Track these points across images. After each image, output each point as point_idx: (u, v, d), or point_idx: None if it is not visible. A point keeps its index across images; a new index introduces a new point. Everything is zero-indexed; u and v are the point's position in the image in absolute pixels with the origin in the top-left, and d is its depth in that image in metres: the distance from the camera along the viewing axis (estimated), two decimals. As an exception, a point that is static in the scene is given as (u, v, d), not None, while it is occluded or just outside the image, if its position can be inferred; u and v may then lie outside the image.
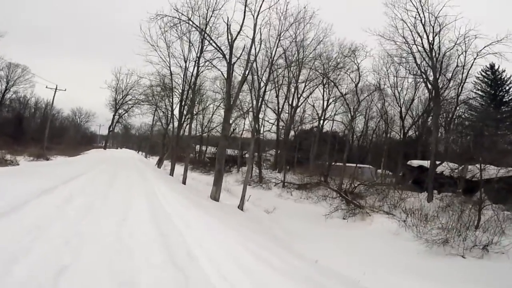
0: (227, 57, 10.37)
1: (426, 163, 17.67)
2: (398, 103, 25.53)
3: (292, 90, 25.71)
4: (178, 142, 20.07)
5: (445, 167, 15.64)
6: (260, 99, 15.64)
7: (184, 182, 14.66)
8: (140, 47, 20.29)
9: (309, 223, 10.73)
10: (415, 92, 26.13)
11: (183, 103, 17.23)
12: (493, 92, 24.96)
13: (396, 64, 23.47)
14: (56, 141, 36.31)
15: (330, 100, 27.02)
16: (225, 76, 11.25)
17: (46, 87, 27.54)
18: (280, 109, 27.87)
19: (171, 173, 18.20)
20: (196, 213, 6.29)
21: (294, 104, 26.14)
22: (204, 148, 38.09)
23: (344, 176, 20.00)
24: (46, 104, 44.18)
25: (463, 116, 23.63)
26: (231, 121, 12.45)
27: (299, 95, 26.14)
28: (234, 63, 10.73)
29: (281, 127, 29.60)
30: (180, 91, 17.53)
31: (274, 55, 12.27)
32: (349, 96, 26.12)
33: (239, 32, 10.35)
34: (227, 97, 11.10)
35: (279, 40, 11.78)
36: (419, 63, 16.95)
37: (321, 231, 9.72)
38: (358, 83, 20.84)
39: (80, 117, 54.09)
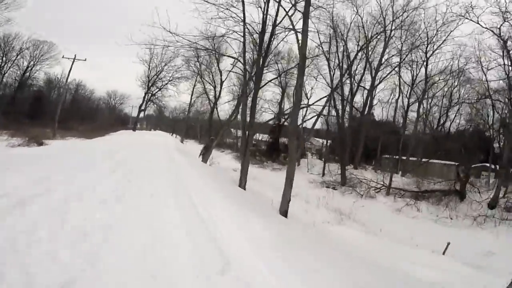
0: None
1: None
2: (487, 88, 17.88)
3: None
4: (252, 123, 11.65)
5: None
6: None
7: (285, 214, 7.59)
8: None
9: None
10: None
11: (262, 50, 9.97)
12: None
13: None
14: (88, 122, 32.95)
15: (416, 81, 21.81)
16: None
17: (63, 56, 23.12)
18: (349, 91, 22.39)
19: (242, 184, 10.44)
20: None
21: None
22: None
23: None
24: (76, 84, 41.48)
25: None
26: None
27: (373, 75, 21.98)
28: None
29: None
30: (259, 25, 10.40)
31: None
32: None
33: None
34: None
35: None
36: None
37: None
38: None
39: (115, 99, 51.95)
